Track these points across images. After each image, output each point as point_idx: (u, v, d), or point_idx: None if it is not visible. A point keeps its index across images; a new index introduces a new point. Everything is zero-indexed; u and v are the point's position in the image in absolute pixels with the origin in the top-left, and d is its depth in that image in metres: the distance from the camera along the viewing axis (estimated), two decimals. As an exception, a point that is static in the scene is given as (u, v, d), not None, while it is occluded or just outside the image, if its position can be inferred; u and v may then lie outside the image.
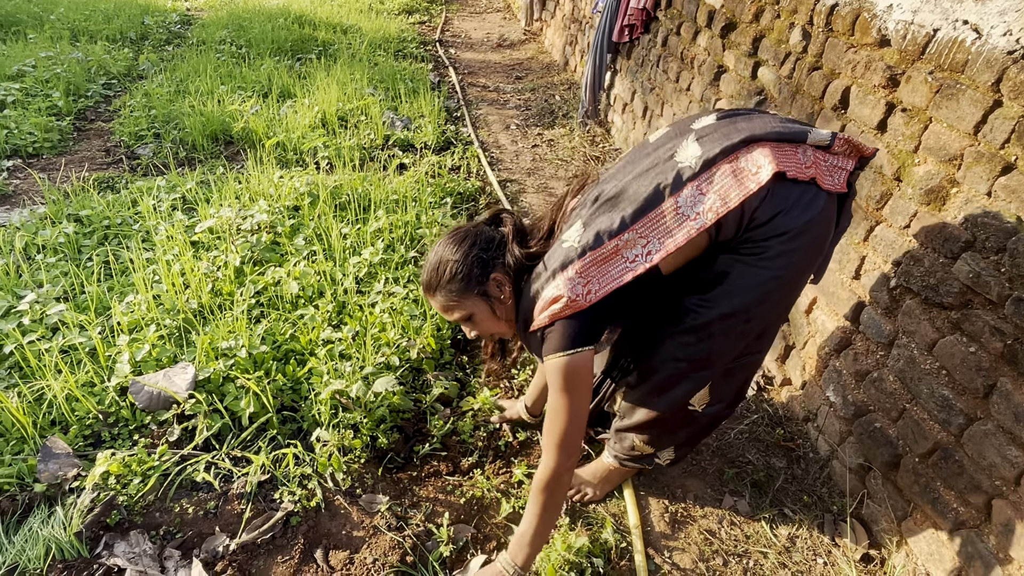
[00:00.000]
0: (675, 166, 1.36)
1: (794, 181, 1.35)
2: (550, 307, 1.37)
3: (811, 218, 1.35)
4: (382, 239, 2.88)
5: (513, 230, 1.51)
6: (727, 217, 1.33)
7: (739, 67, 2.79)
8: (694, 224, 1.32)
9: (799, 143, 1.39)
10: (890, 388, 1.83)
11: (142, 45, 5.86)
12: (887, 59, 1.91)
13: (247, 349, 2.17)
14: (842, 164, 1.43)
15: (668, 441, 1.76)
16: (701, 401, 1.63)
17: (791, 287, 1.47)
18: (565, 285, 1.35)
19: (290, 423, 2.07)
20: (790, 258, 1.38)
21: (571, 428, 1.42)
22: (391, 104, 4.73)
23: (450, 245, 1.50)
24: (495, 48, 7.17)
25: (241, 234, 2.85)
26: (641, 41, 4.14)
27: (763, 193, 1.32)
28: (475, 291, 1.48)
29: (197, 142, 3.89)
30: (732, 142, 1.34)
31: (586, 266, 1.35)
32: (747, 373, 1.66)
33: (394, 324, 2.38)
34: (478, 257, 1.47)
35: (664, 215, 1.33)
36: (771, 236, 1.35)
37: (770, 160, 1.31)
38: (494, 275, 1.47)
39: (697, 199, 1.32)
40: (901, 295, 1.81)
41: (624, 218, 1.35)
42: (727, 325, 1.46)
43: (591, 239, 1.36)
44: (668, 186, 1.34)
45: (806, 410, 2.19)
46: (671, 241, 1.33)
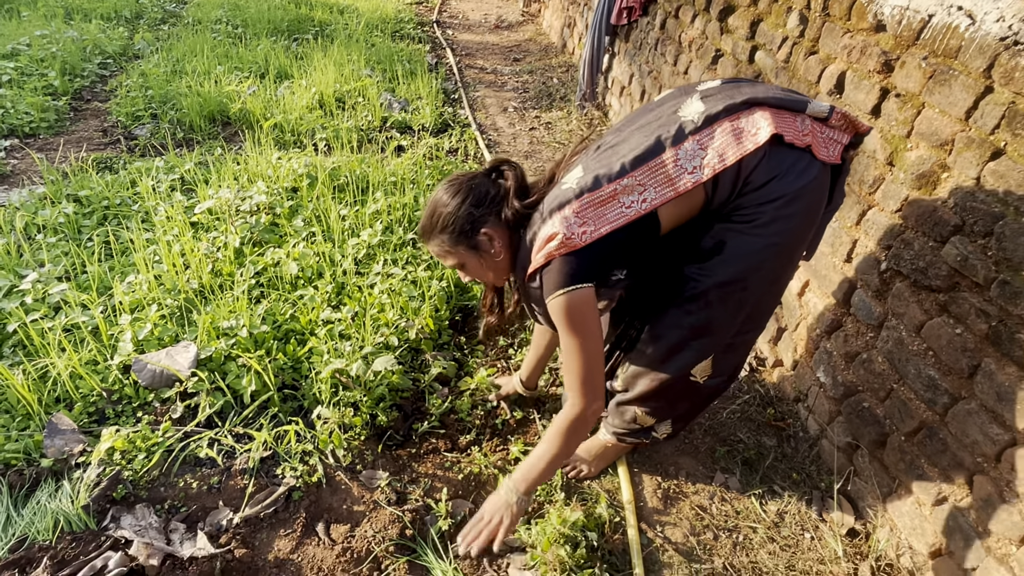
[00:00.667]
0: (678, 120, 1.39)
1: (790, 147, 1.38)
2: (546, 246, 1.38)
3: (804, 184, 1.38)
4: (380, 221, 2.90)
5: (515, 183, 1.51)
6: (724, 175, 1.36)
7: (736, 51, 2.80)
8: (691, 177, 1.34)
9: (798, 112, 1.42)
10: (879, 369, 1.87)
11: (137, 24, 5.81)
12: (882, 44, 1.93)
13: (248, 328, 2.20)
14: (837, 137, 1.46)
15: (668, 412, 1.79)
16: (703, 373, 1.65)
17: (786, 257, 1.50)
18: (561, 223, 1.37)
19: (291, 401, 2.11)
20: (784, 224, 1.41)
21: (588, 367, 1.44)
22: (388, 86, 4.72)
23: (446, 194, 1.51)
24: (493, 29, 7.12)
25: (240, 215, 2.87)
26: (639, 24, 4.13)
27: (760, 155, 1.35)
28: (465, 244, 1.51)
29: (194, 123, 3.88)
30: (735, 102, 1.37)
31: (583, 207, 1.36)
32: (746, 349, 1.70)
33: (393, 305, 2.42)
34: (468, 213, 1.49)
35: (664, 164, 1.36)
36: (765, 202, 1.38)
37: (769, 122, 1.34)
38: (484, 230, 1.49)
39: (696, 153, 1.35)
40: (891, 278, 1.85)
41: (624, 164, 1.37)
42: (725, 293, 1.49)
43: (589, 181, 1.38)
44: (670, 138, 1.37)
45: (797, 391, 2.24)
46: (669, 190, 1.36)
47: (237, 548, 1.64)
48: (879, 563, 1.76)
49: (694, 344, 1.60)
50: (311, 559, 1.66)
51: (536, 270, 1.43)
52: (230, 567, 1.61)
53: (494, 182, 1.55)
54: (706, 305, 1.53)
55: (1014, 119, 1.49)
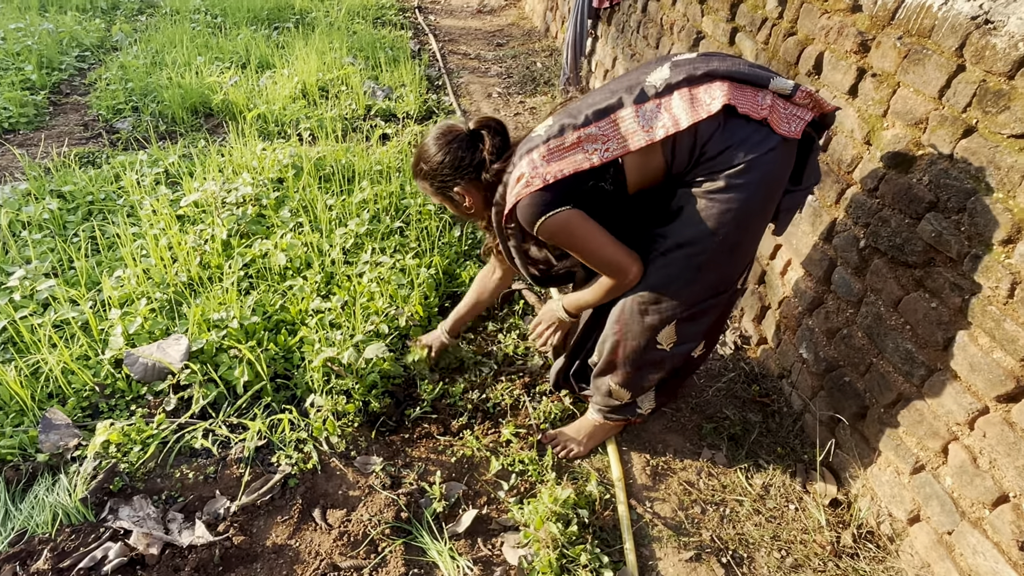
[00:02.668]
0: (642, 83, 1.49)
1: (746, 119, 1.46)
2: (515, 186, 1.51)
3: (759, 156, 1.45)
4: (367, 210, 2.91)
5: (491, 148, 1.63)
6: (680, 142, 1.47)
7: (717, 33, 2.82)
8: (646, 135, 1.45)
9: (760, 87, 1.48)
10: (859, 344, 1.92)
11: (114, 15, 5.72)
12: (859, 25, 1.95)
13: (239, 320, 2.22)
14: (800, 114, 1.50)
15: (642, 382, 1.83)
16: (668, 339, 1.71)
17: (744, 226, 1.54)
18: (527, 165, 1.50)
19: (284, 391, 2.13)
20: (740, 193, 1.48)
21: (606, 258, 1.58)
22: (371, 73, 4.70)
23: (433, 146, 1.67)
24: (475, 14, 7.08)
25: (227, 207, 2.87)
26: (622, 6, 4.13)
27: (715, 125, 1.44)
28: (442, 194, 1.72)
29: (177, 115, 3.85)
30: (696, 73, 1.46)
31: (550, 151, 1.49)
32: (712, 318, 1.73)
33: (382, 293, 2.44)
34: (444, 173, 1.66)
35: (624, 119, 1.47)
36: (720, 169, 1.47)
37: (724, 94, 1.42)
38: (457, 189, 1.67)
39: (655, 114, 1.45)
40: (870, 255, 1.89)
41: (588, 115, 1.49)
42: (682, 255, 1.57)
43: (556, 130, 1.51)
44: (632, 96, 1.48)
45: (781, 367, 2.29)
46: (627, 143, 1.47)
47: (235, 535, 1.67)
48: (860, 531, 1.82)
49: (654, 307, 1.66)
50: (309, 544, 1.69)
51: (511, 211, 1.55)
52: (229, 554, 1.64)
53: (474, 145, 1.66)
54: (664, 265, 1.61)
55: (984, 97, 1.53)
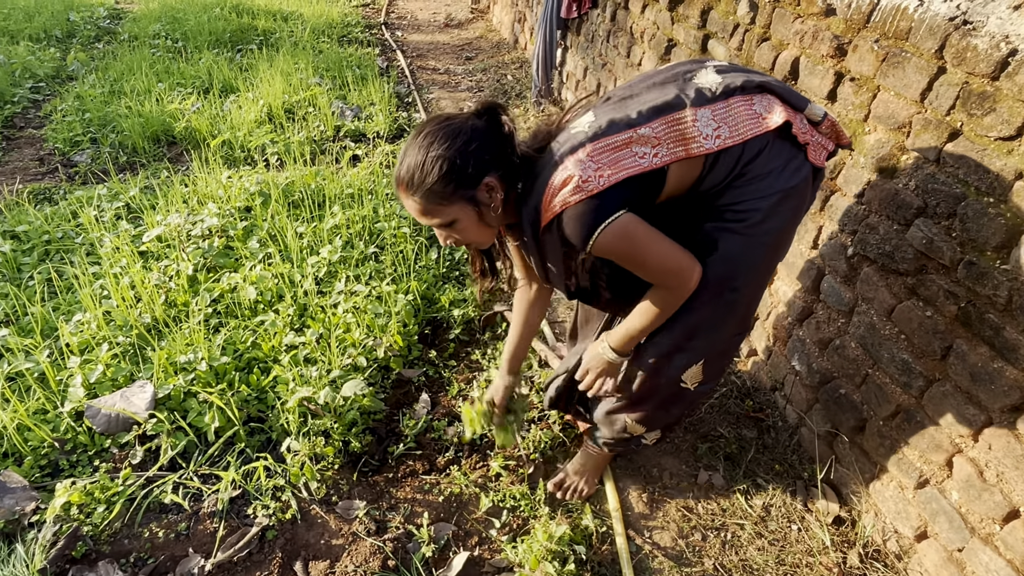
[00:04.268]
0: (696, 85, 1.33)
1: (791, 142, 1.36)
2: (560, 192, 1.24)
3: (797, 184, 1.36)
4: (340, 236, 2.81)
5: (511, 127, 1.32)
6: (726, 154, 1.31)
7: (689, 40, 2.78)
8: (704, 143, 1.28)
9: (799, 110, 1.40)
10: (852, 355, 1.87)
11: (69, 44, 5.56)
12: (833, 28, 1.92)
13: (207, 361, 2.10)
14: (824, 143, 1.44)
15: (661, 420, 1.73)
16: (694, 379, 1.60)
17: (772, 258, 1.47)
18: (576, 166, 1.24)
19: (258, 435, 2.02)
20: (777, 222, 1.37)
21: (668, 265, 1.33)
22: (339, 93, 4.60)
23: (439, 137, 1.25)
24: (443, 28, 7.02)
25: (192, 240, 2.75)
26: (590, 16, 4.09)
27: (763, 143, 1.32)
28: (462, 195, 1.27)
29: (137, 145, 3.72)
30: (752, 81, 1.34)
31: (598, 150, 1.25)
32: (734, 350, 1.67)
33: (358, 324, 2.34)
34: (475, 154, 1.25)
35: (682, 121, 1.28)
36: (760, 196, 1.33)
37: (783, 109, 1.33)
38: (487, 179, 1.27)
39: (711, 121, 1.29)
40: (859, 263, 1.84)
41: (641, 111, 1.28)
42: (716, 294, 1.44)
43: (604, 124, 1.28)
44: (691, 97, 1.30)
45: (773, 380, 2.24)
46: (681, 149, 1.28)
47: (210, 599, 1.56)
48: (867, 550, 1.76)
49: (686, 347, 1.55)
50: (290, 602, 1.59)
51: (552, 219, 1.28)
52: (204, 620, 1.53)
53: (493, 125, 1.31)
54: (699, 306, 1.46)
55: (968, 99, 1.48)
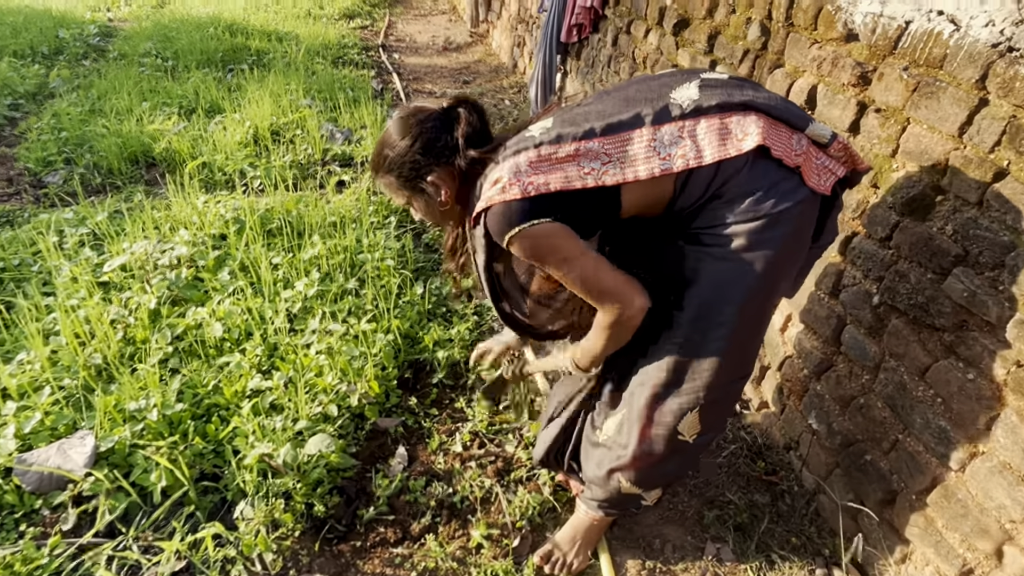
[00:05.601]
0: (666, 100, 1.24)
1: (778, 164, 1.22)
2: (490, 190, 1.24)
3: (787, 209, 1.21)
4: (318, 268, 2.62)
5: (467, 129, 1.33)
6: (698, 174, 1.22)
7: (695, 65, 2.62)
8: (661, 164, 1.19)
9: (797, 129, 1.25)
10: (879, 416, 1.66)
11: (56, 61, 5.42)
12: (856, 55, 1.75)
13: (159, 409, 1.89)
14: (833, 167, 1.28)
15: (659, 477, 1.56)
16: (691, 430, 1.42)
17: (770, 292, 1.31)
18: (509, 169, 1.22)
19: (212, 494, 1.80)
20: (765, 251, 1.23)
21: (595, 284, 1.26)
22: (331, 115, 4.45)
23: (396, 132, 1.36)
24: (441, 52, 6.92)
25: (158, 270, 2.55)
26: (590, 41, 3.96)
27: (742, 162, 1.20)
28: (410, 188, 1.38)
29: (114, 166, 3.54)
30: (731, 101, 1.22)
31: (540, 158, 1.21)
32: (734, 400, 1.49)
33: (332, 367, 2.13)
34: (414, 159, 1.34)
35: (634, 141, 1.21)
36: (740, 221, 1.22)
37: (760, 130, 1.19)
38: (431, 179, 1.35)
39: (675, 140, 1.20)
40: (886, 314, 1.65)
41: (594, 128, 1.22)
42: (705, 329, 1.31)
43: (553, 136, 1.23)
44: (651, 115, 1.22)
45: (787, 437, 2.03)
46: (631, 171, 1.20)
47: None
48: (899, 645, 1.53)
49: (675, 391, 1.39)
50: None
51: (478, 215, 1.28)
52: None
53: (448, 125, 1.36)
54: (685, 342, 1.33)
55: (1017, 135, 1.30)
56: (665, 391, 1.38)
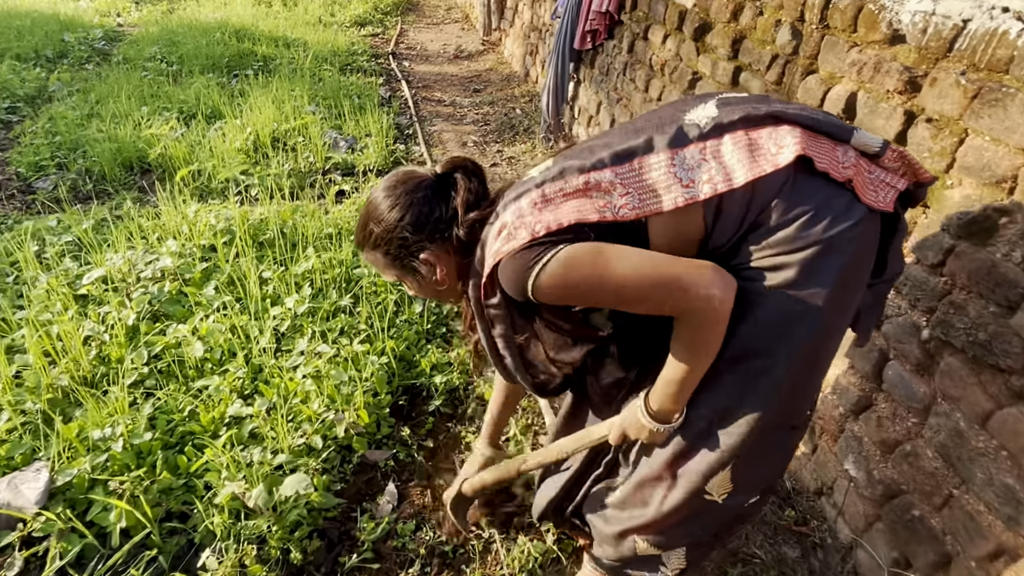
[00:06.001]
0: (679, 121, 1.06)
1: (824, 178, 1.02)
2: (494, 243, 1.06)
3: (843, 230, 1.00)
4: (311, 283, 2.45)
5: (467, 196, 1.17)
6: (729, 205, 1.02)
7: (717, 73, 2.44)
8: (685, 192, 1.00)
9: (840, 141, 1.05)
10: (929, 467, 1.46)
11: (58, 64, 5.33)
12: (902, 58, 1.56)
13: (125, 439, 1.72)
14: (891, 180, 1.07)
15: (679, 539, 1.33)
16: (721, 489, 1.20)
17: (827, 330, 1.08)
18: (512, 214, 1.06)
19: (179, 535, 1.62)
20: (820, 283, 1.02)
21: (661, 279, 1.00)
22: (335, 123, 4.31)
23: (384, 202, 1.18)
24: (452, 60, 6.80)
25: (141, 283, 2.39)
26: (605, 48, 3.79)
27: (780, 181, 1.01)
28: (400, 267, 1.22)
29: (107, 172, 3.41)
30: (756, 113, 1.03)
31: (545, 197, 1.05)
32: (778, 457, 1.26)
33: (319, 393, 1.96)
34: (403, 237, 1.17)
35: (651, 168, 1.03)
36: (789, 250, 1.02)
37: (797, 141, 0.99)
38: (423, 256, 1.18)
39: (697, 163, 1.02)
40: (938, 350, 1.45)
41: (603, 158, 1.05)
42: (744, 374, 1.09)
43: (556, 172, 1.07)
44: (666, 138, 1.04)
45: (819, 482, 1.82)
46: (652, 203, 1.01)
47: None
48: None
49: (704, 447, 1.17)
50: None
51: (489, 280, 1.10)
52: None
53: (443, 192, 1.20)
54: (719, 388, 1.12)
55: (1104, 149, 1.11)
56: (691, 447, 1.17)
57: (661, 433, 1.17)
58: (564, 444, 1.36)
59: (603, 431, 1.28)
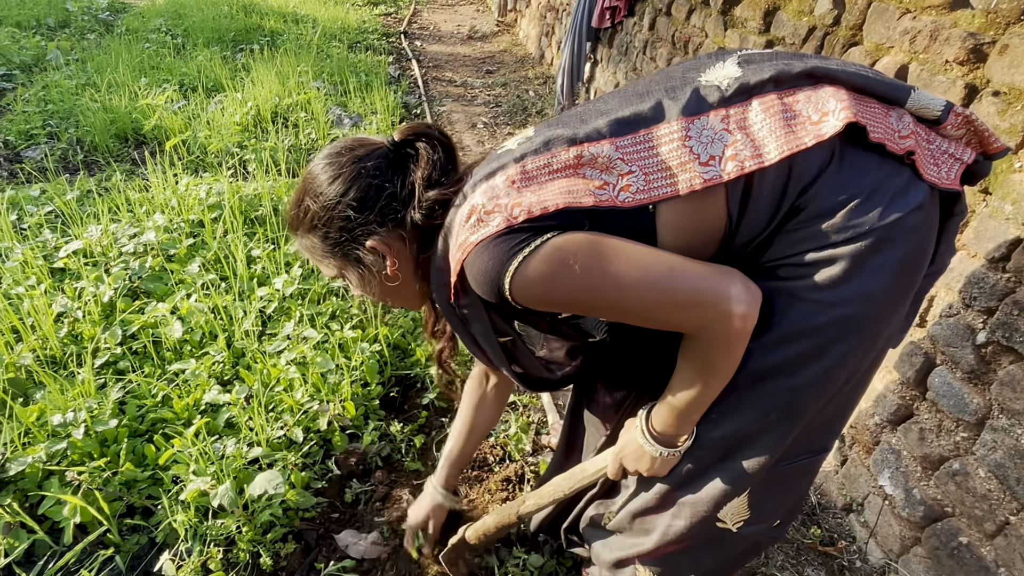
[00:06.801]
0: (695, 84, 0.85)
1: (879, 152, 0.82)
2: (462, 232, 0.85)
3: (903, 217, 0.81)
4: (301, 263, 2.29)
5: (428, 171, 0.95)
6: (760, 185, 0.82)
7: (747, 48, 2.25)
8: (704, 171, 0.80)
9: (893, 104, 0.85)
10: (981, 488, 1.29)
11: (59, 33, 5.19)
12: (964, 24, 1.37)
13: (88, 425, 1.58)
14: (956, 152, 0.87)
15: (685, 568, 1.15)
16: (736, 517, 1.03)
17: (873, 338, 0.89)
18: (483, 194, 0.85)
19: (140, 533, 1.48)
20: (868, 283, 0.83)
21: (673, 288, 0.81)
22: (340, 99, 4.14)
23: (322, 175, 0.95)
24: (465, 41, 6.61)
25: (122, 258, 2.25)
26: (625, 25, 3.60)
27: (824, 158, 0.82)
28: (340, 256, 0.99)
29: (99, 143, 3.26)
30: (789, 71, 0.83)
31: (525, 174, 0.84)
32: (802, 482, 1.08)
33: (303, 381, 1.81)
34: (344, 215, 0.94)
35: (661, 141, 0.82)
36: (836, 243, 0.82)
37: (845, 106, 0.79)
38: (370, 243, 0.96)
39: (719, 135, 0.81)
40: (996, 355, 1.27)
41: (599, 127, 0.85)
42: (772, 390, 0.90)
43: (539, 143, 0.86)
44: (680, 104, 0.83)
45: (848, 497, 1.65)
46: (664, 184, 0.81)
47: None
48: None
49: (716, 469, 1.00)
50: None
51: (459, 280, 0.89)
52: None
53: (400, 165, 0.97)
54: (740, 405, 0.93)
55: None
56: (700, 469, 1.00)
57: (667, 460, 0.99)
58: (560, 483, 1.19)
59: (600, 464, 1.12)
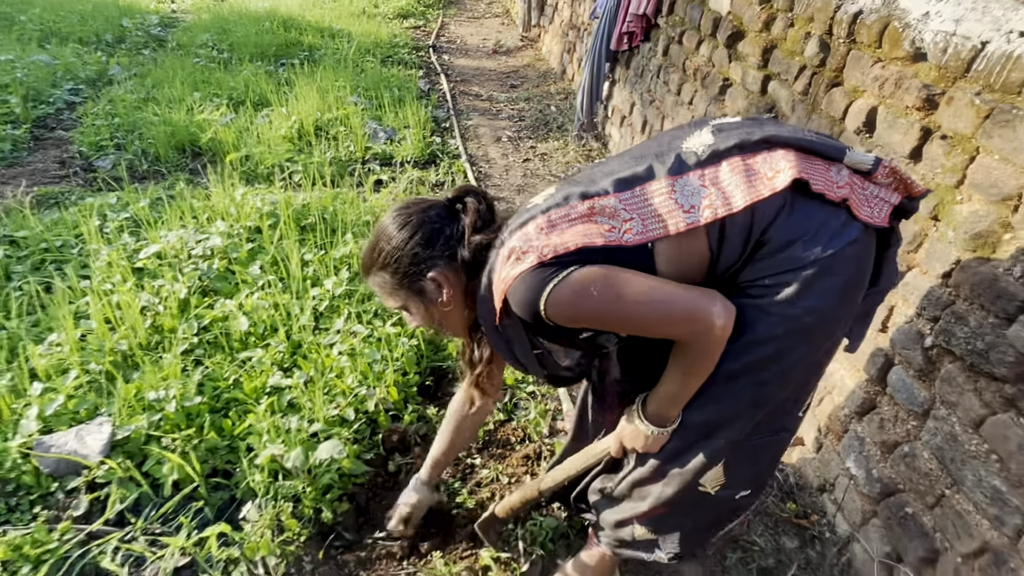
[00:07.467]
0: (677, 150, 1.14)
1: (820, 199, 1.10)
2: (503, 268, 1.12)
3: (840, 249, 1.08)
4: (348, 267, 2.60)
5: (475, 218, 1.23)
6: (731, 229, 1.09)
7: (747, 80, 2.51)
8: (686, 217, 1.07)
9: (833, 161, 1.13)
10: (925, 467, 1.54)
11: (117, 49, 5.60)
12: (922, 76, 1.63)
13: (177, 401, 1.89)
14: (884, 195, 1.15)
15: (673, 526, 1.44)
16: (714, 482, 1.32)
17: (820, 343, 1.18)
18: (519, 239, 1.11)
19: (222, 491, 1.79)
20: (816, 301, 1.10)
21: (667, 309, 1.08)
22: (375, 113, 4.46)
23: (393, 224, 1.25)
24: (491, 55, 6.91)
25: (192, 260, 2.57)
26: (641, 50, 3.86)
27: (778, 205, 1.08)
28: (407, 287, 1.25)
29: (161, 154, 3.61)
30: (750, 139, 1.11)
31: (551, 222, 1.11)
32: (769, 454, 1.37)
33: (352, 369, 2.10)
34: (414, 252, 1.22)
35: (653, 195, 1.10)
36: (788, 269, 1.09)
37: (792, 164, 1.07)
38: (432, 275, 1.22)
39: (696, 190, 1.09)
40: (939, 357, 1.52)
41: (605, 187, 1.12)
42: (743, 383, 1.18)
43: (560, 198, 1.13)
44: (666, 167, 1.12)
45: (822, 479, 1.90)
46: (658, 226, 1.08)
47: None
48: None
49: (703, 444, 1.27)
50: None
51: (504, 307, 1.15)
52: None
53: (453, 216, 1.27)
54: (718, 396, 1.21)
55: (1104, 173, 1.18)
56: (689, 444, 1.28)
57: (658, 438, 1.27)
58: (574, 462, 1.51)
59: (604, 446, 1.42)
